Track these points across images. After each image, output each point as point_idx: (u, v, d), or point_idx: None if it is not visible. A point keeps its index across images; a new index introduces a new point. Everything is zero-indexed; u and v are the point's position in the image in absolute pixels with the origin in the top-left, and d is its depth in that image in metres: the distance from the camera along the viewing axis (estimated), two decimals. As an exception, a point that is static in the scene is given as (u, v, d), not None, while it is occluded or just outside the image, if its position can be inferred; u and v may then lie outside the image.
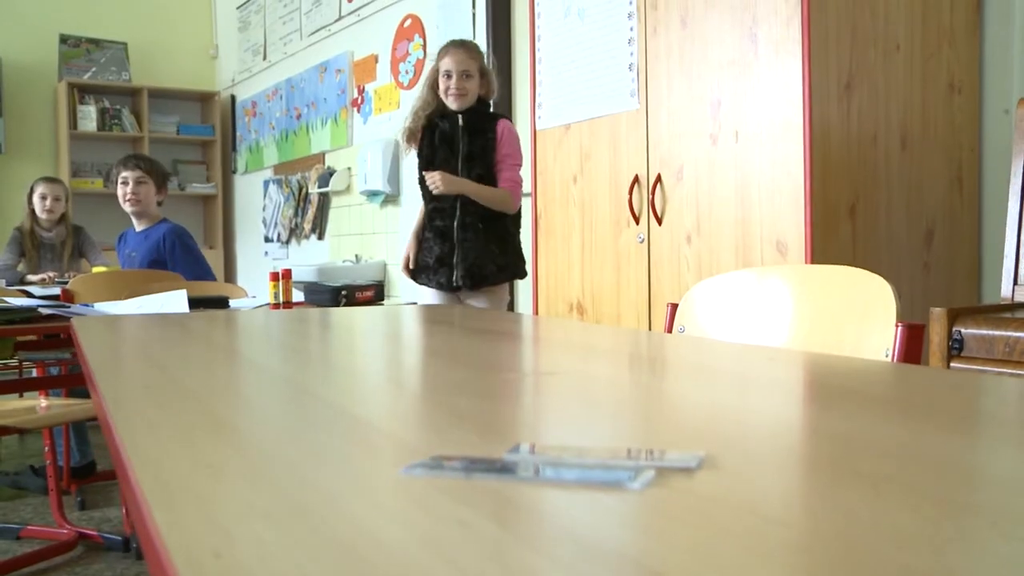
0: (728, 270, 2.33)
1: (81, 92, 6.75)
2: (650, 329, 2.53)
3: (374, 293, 3.15)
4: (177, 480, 0.51)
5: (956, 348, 1.84)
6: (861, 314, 1.23)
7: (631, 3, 2.62)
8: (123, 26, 7.06)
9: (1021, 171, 2.03)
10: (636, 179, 2.60)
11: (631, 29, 2.62)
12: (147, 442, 0.62)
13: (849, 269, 1.30)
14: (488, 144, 2.84)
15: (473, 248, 2.83)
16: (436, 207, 2.90)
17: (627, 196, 2.62)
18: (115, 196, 3.67)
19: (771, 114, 2.23)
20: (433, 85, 2.90)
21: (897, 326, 1.14)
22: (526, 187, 2.99)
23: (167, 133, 7.08)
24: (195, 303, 2.47)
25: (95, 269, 3.91)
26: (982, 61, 2.50)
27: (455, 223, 2.85)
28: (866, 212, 2.26)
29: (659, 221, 2.54)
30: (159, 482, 0.50)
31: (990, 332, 1.79)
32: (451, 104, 2.85)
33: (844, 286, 1.29)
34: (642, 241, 2.59)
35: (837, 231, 2.21)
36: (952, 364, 1.84)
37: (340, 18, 5.51)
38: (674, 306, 1.54)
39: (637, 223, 2.61)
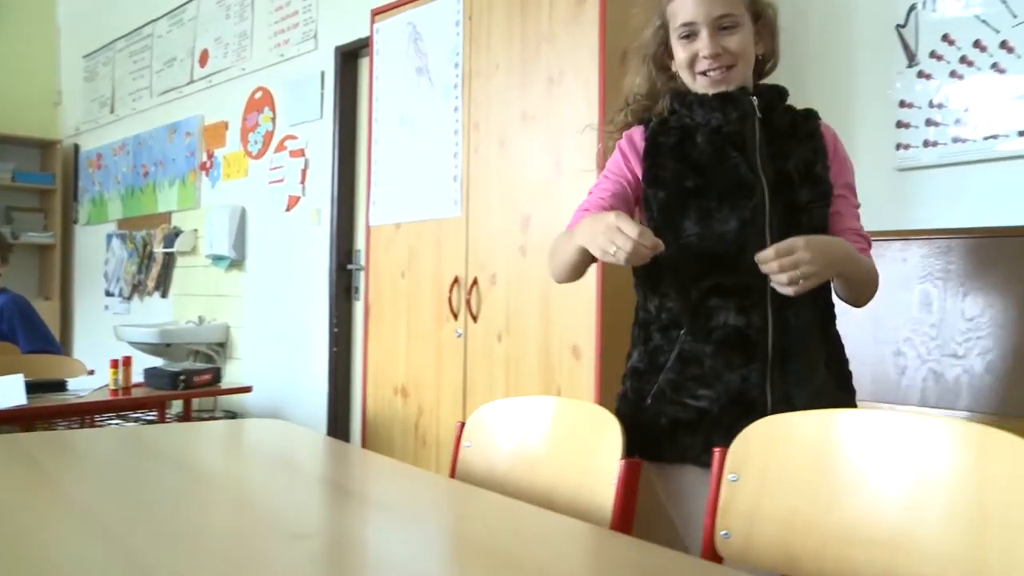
0: (531, 369, 2.63)
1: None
2: (464, 411, 2.79)
3: (212, 377, 3.29)
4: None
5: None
6: (595, 447, 1.51)
7: (457, 121, 2.91)
8: (-38, 69, 6.90)
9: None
10: (456, 280, 2.88)
11: (456, 144, 2.90)
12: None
13: (593, 407, 1.58)
14: (816, 157, 1.59)
15: (807, 370, 1.54)
16: (713, 286, 1.54)
17: (447, 294, 2.89)
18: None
19: (570, 234, 2.54)
20: (658, 56, 1.65)
21: (621, 461, 1.42)
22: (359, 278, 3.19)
23: (1, 179, 6.93)
24: (33, 387, 2.56)
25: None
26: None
27: (768, 322, 1.52)
28: (651, 322, 2.59)
29: (475, 319, 2.81)
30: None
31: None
32: (705, 88, 1.57)
33: (587, 421, 1.57)
34: (459, 336, 2.86)
35: (625, 336, 2.52)
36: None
37: (192, 82, 5.61)
38: (462, 423, 1.79)
39: (455, 319, 2.87)
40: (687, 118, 1.62)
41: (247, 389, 3.56)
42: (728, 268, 1.53)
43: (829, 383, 1.59)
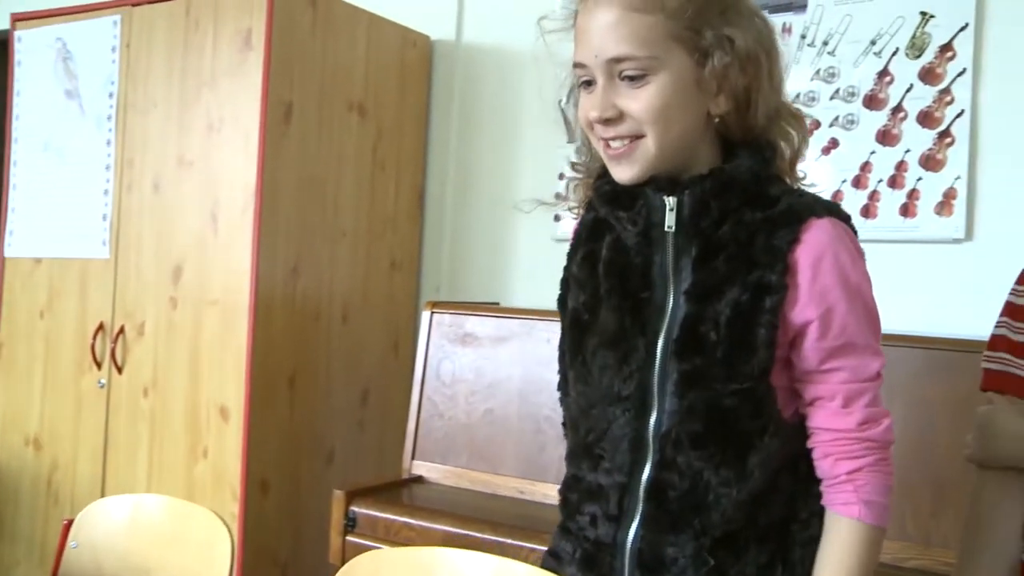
0: (178, 428, 2.50)
1: None
2: (104, 469, 2.60)
3: None
4: None
5: (351, 525, 2.17)
6: (208, 555, 1.45)
7: (109, 155, 2.69)
8: None
9: (422, 365, 2.45)
10: (101, 325, 2.67)
11: (108, 180, 2.69)
12: None
13: (207, 514, 1.51)
14: (761, 299, 1.01)
15: None
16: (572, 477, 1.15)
17: (91, 340, 2.67)
18: None
19: (224, 292, 2.43)
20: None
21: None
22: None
23: None
24: None
25: None
26: (422, 242, 2.95)
27: (627, 545, 1.07)
28: (306, 380, 2.55)
29: (119, 370, 2.62)
30: None
31: (377, 513, 2.14)
32: (614, 175, 1.07)
33: (202, 526, 1.50)
34: (102, 387, 2.65)
35: (276, 399, 2.47)
36: (347, 539, 2.16)
37: None
38: (70, 521, 1.65)
39: (99, 368, 2.66)
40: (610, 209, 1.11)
41: None
42: (589, 458, 1.10)
43: None
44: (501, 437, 2.30)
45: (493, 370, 2.34)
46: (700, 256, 1.03)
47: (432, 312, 2.46)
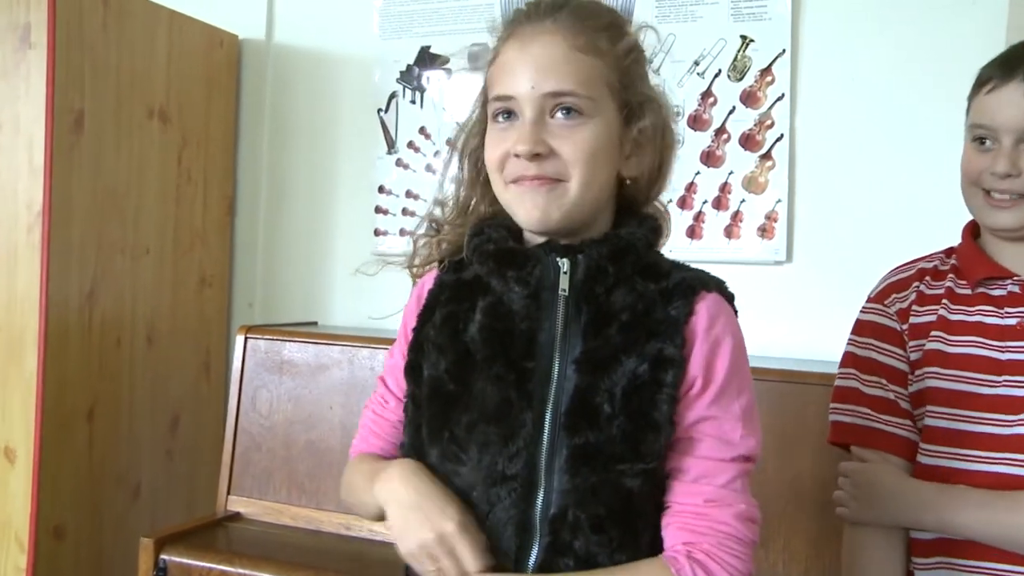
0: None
1: None
2: None
3: None
4: None
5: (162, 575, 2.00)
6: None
7: None
8: None
9: (236, 395, 2.30)
10: None
11: None
12: None
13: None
14: (661, 371, 0.97)
15: None
16: None
17: None
18: None
19: (8, 320, 2.19)
20: (476, 150, 1.07)
21: None
22: None
23: None
24: None
25: None
26: (233, 257, 2.77)
27: None
28: (107, 411, 2.33)
29: None
30: None
31: (191, 562, 1.98)
32: (518, 213, 1.01)
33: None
34: None
35: (72, 435, 2.25)
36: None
37: None
38: None
39: None
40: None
41: None
42: None
43: None
44: (324, 470, 2.18)
45: (313, 399, 2.21)
46: (591, 323, 0.98)
47: (247, 337, 2.30)
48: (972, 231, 1.36)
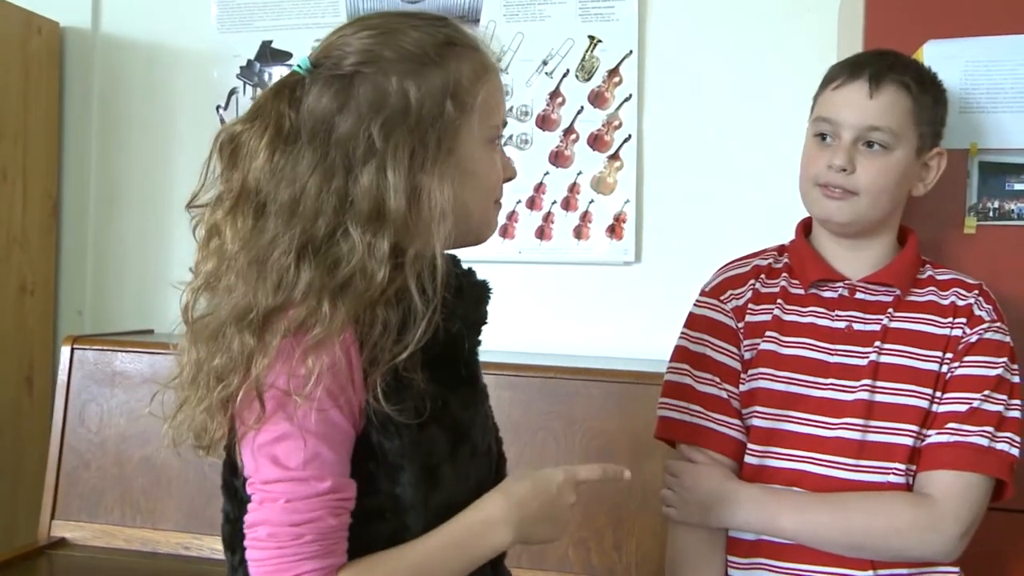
0: None
1: None
2: None
3: None
4: None
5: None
6: None
7: None
8: None
9: (62, 410, 2.13)
10: None
11: None
12: None
13: None
14: None
15: None
16: None
17: None
18: None
19: None
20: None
21: None
22: None
23: None
24: None
25: None
26: (58, 263, 2.58)
27: None
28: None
29: None
30: None
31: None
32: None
33: None
34: None
35: None
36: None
37: None
38: None
39: None
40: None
41: None
42: None
43: None
44: (160, 488, 2.04)
45: (149, 412, 2.07)
46: None
47: (73, 348, 2.14)
48: (805, 228, 1.39)
